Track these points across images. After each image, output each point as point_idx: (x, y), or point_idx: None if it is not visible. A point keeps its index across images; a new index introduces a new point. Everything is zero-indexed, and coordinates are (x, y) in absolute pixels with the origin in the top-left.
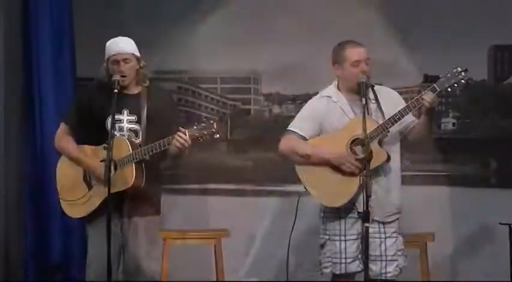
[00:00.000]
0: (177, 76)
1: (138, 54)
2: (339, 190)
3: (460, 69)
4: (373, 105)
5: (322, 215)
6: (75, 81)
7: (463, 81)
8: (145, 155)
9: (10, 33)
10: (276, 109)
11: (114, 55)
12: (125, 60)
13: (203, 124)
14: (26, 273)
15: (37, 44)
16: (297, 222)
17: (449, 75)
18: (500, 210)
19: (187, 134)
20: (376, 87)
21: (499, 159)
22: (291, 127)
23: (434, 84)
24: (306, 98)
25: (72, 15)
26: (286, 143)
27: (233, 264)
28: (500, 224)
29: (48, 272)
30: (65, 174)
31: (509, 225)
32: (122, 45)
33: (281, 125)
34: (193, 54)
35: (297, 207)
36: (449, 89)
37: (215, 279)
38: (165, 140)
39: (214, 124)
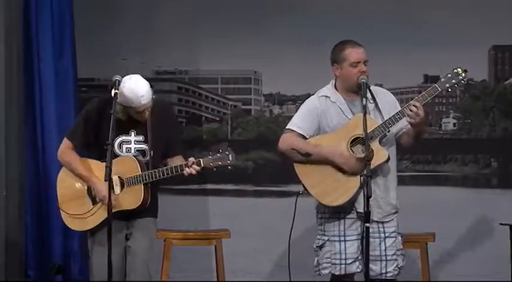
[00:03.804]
0: (177, 76)
1: (152, 95)
2: (339, 189)
3: (460, 69)
4: (371, 105)
5: (319, 216)
6: (76, 82)
7: (463, 81)
8: (154, 178)
9: (11, 34)
10: (277, 109)
11: (138, 107)
12: (147, 108)
13: (218, 154)
14: (26, 273)
15: (38, 45)
16: (300, 222)
17: (449, 75)
18: (501, 210)
19: (202, 163)
20: (373, 88)
21: (500, 160)
22: (289, 126)
23: (435, 84)
24: (306, 98)
25: (72, 16)
26: (285, 141)
27: (234, 264)
28: (501, 224)
29: (48, 272)
30: (67, 185)
31: (510, 225)
32: (145, 98)
33: (282, 125)
34: (193, 55)
35: (295, 206)
36: (449, 89)
37: (215, 280)
38: (177, 166)
39: (230, 156)
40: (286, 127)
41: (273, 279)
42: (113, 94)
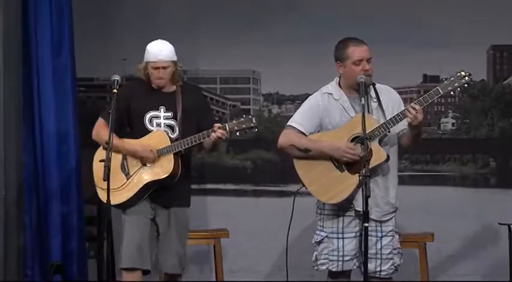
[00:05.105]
0: None
1: (175, 58)
2: (337, 187)
3: (463, 73)
4: (374, 104)
5: (318, 211)
6: (74, 80)
7: (466, 85)
8: (183, 146)
9: (9, 34)
10: (275, 109)
11: (154, 62)
12: (164, 67)
13: (242, 118)
14: (26, 273)
15: (36, 44)
16: (298, 222)
17: (452, 78)
18: (499, 210)
19: (227, 127)
20: (378, 86)
21: (498, 159)
22: (290, 122)
23: (438, 87)
24: (305, 98)
25: (71, 16)
26: (285, 137)
27: (232, 264)
28: (500, 224)
29: (47, 271)
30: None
31: (509, 225)
32: (163, 54)
33: (280, 125)
34: (192, 54)
35: (293, 205)
36: (452, 92)
37: (214, 279)
38: (204, 132)
39: (253, 118)
40: (287, 123)
41: (272, 279)
42: (112, 94)
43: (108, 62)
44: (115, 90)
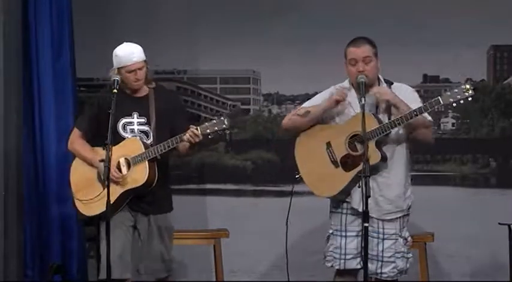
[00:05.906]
0: (176, 76)
1: (145, 58)
2: (328, 182)
3: (468, 86)
4: (383, 105)
5: (330, 209)
6: (75, 82)
7: (469, 99)
8: (157, 152)
9: (9, 34)
10: (275, 109)
11: (129, 66)
12: (140, 68)
13: (214, 121)
14: (26, 273)
15: (36, 45)
16: (299, 223)
17: (456, 90)
18: (499, 210)
19: (199, 130)
20: (396, 85)
21: (499, 159)
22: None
23: (439, 97)
24: (305, 98)
25: (71, 16)
26: (288, 115)
27: (232, 264)
28: (500, 224)
29: (47, 271)
30: (79, 174)
31: (509, 225)
32: (136, 55)
33: (280, 125)
34: (192, 54)
35: (290, 200)
36: (453, 104)
37: (214, 280)
38: (176, 137)
39: (225, 120)
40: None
41: (272, 279)
42: (112, 94)
43: (108, 62)
44: (115, 90)
